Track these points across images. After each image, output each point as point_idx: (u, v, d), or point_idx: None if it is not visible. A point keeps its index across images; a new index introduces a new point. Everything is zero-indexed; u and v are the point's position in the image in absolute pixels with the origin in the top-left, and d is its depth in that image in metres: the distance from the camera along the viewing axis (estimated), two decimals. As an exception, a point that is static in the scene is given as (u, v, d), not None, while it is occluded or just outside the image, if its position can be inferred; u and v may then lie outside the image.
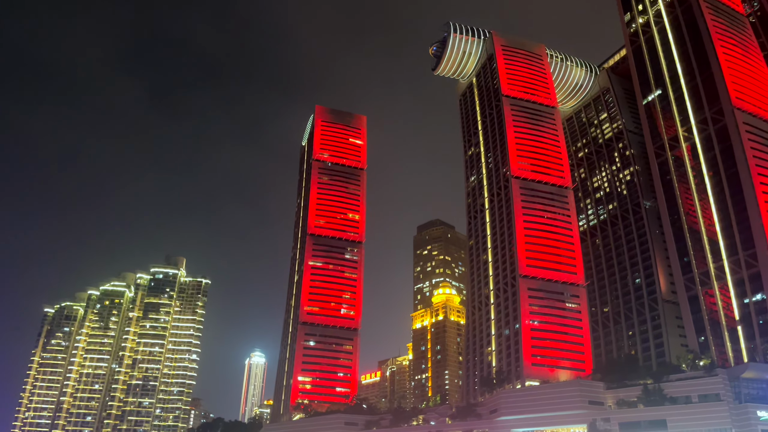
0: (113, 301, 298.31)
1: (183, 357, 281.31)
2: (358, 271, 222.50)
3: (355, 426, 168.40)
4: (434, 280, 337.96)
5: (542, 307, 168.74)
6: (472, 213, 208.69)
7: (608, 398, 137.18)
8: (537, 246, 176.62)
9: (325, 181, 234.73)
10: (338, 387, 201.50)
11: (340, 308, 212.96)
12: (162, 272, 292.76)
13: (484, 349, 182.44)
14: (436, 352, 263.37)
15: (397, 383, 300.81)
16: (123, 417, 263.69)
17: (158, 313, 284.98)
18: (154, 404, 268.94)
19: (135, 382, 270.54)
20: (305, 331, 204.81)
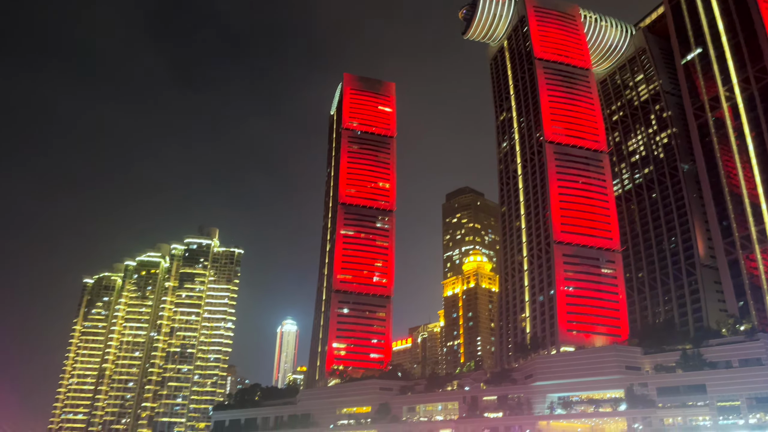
0: (149, 272, 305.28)
1: (218, 325, 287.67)
2: (389, 240, 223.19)
3: (390, 391, 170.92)
4: (464, 247, 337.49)
5: (577, 273, 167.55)
6: (504, 179, 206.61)
7: (646, 363, 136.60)
8: (571, 212, 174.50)
9: (355, 150, 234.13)
10: (372, 353, 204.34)
11: (373, 276, 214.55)
12: (196, 243, 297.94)
13: (518, 315, 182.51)
14: (468, 319, 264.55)
15: (429, 350, 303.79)
16: (163, 383, 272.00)
17: (193, 282, 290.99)
18: (192, 371, 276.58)
19: (173, 349, 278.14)
20: (339, 299, 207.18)
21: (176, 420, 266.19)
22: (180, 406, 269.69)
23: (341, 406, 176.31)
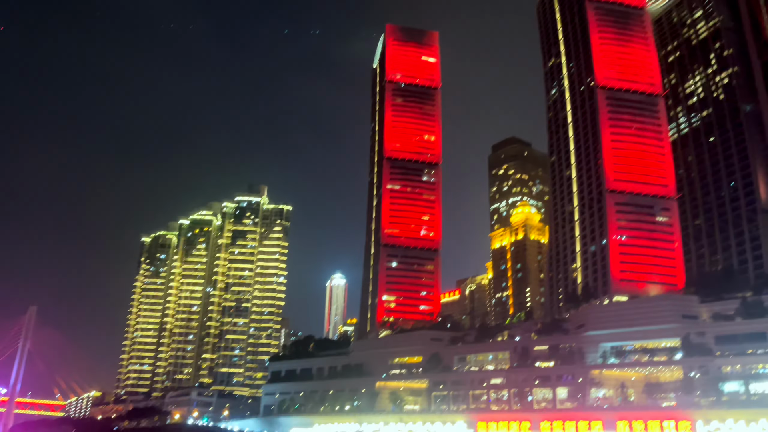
0: (202, 229, 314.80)
1: (271, 280, 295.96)
2: (436, 193, 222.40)
3: (440, 342, 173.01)
4: (511, 199, 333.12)
5: (630, 222, 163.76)
6: (553, 128, 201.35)
7: (703, 312, 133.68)
8: (625, 159, 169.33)
9: (399, 102, 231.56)
10: (421, 305, 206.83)
11: (420, 230, 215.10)
12: (245, 200, 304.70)
13: (569, 266, 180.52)
14: (517, 270, 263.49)
15: (477, 301, 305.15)
16: (221, 336, 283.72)
17: (245, 239, 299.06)
18: (247, 324, 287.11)
19: (229, 303, 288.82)
20: (387, 253, 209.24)
21: (235, 370, 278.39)
22: (238, 357, 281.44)
23: (392, 356, 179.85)
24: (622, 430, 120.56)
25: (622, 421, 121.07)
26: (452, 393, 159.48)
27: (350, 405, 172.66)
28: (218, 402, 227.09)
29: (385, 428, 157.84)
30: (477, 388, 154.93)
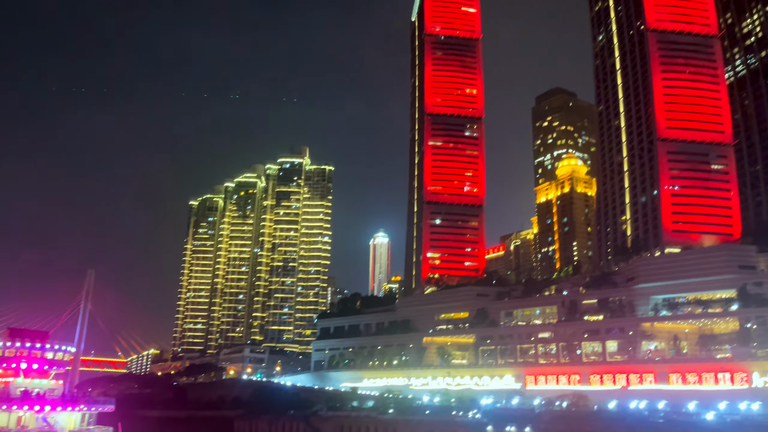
0: (248, 192, 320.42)
1: (316, 240, 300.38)
2: (478, 148, 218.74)
3: (486, 297, 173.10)
4: (556, 152, 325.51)
5: (683, 171, 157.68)
6: (600, 76, 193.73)
7: (761, 262, 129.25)
8: (677, 105, 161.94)
9: (439, 56, 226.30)
10: (466, 262, 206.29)
11: (464, 186, 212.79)
12: (288, 162, 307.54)
13: (618, 218, 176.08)
14: (563, 224, 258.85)
15: (522, 257, 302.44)
16: (270, 295, 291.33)
17: (289, 200, 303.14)
18: (295, 283, 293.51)
19: (276, 263, 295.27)
20: (430, 210, 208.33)
21: (285, 328, 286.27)
22: (287, 315, 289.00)
23: (438, 312, 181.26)
24: (674, 382, 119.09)
25: (675, 373, 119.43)
26: (499, 347, 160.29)
27: (398, 360, 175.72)
28: (270, 358, 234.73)
29: (433, 382, 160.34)
30: (524, 342, 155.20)
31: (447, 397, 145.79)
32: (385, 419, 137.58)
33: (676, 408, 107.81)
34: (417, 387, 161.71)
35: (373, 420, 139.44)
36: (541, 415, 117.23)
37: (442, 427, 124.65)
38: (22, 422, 47.60)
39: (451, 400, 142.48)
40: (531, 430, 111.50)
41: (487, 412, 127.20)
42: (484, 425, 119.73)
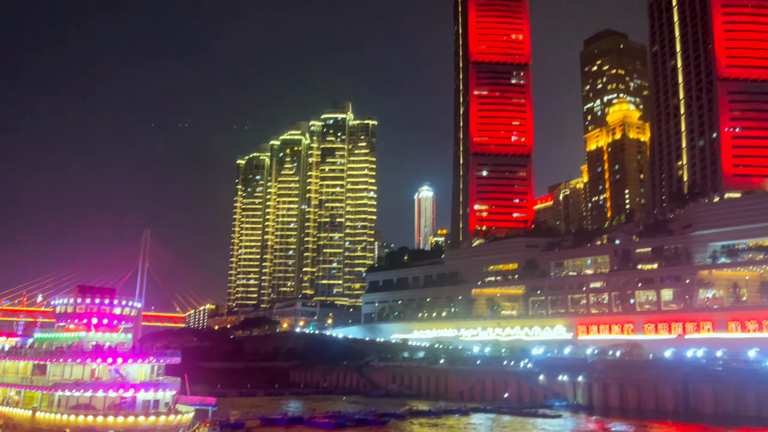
0: (293, 149, 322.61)
1: (362, 195, 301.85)
2: (525, 96, 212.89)
3: (535, 248, 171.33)
4: (606, 97, 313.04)
5: (745, 112, 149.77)
6: (654, 14, 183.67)
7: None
8: (739, 42, 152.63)
9: (483, 1, 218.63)
10: (514, 213, 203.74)
11: (511, 136, 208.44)
12: (331, 117, 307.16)
13: (673, 163, 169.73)
14: (614, 172, 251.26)
15: (572, 207, 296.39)
16: (318, 250, 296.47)
17: (334, 156, 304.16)
18: (342, 238, 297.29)
19: (323, 219, 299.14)
20: (477, 162, 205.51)
21: (334, 282, 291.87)
22: (335, 269, 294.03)
23: (487, 264, 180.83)
24: (733, 330, 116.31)
25: (734, 321, 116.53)
26: (550, 298, 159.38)
27: (447, 312, 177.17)
28: (321, 311, 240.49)
29: (483, 333, 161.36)
30: (576, 292, 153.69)
31: (497, 348, 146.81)
32: (436, 369, 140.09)
33: (735, 356, 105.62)
34: (467, 338, 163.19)
35: (424, 370, 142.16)
36: (594, 364, 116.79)
37: (494, 377, 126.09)
38: (96, 374, 50.17)
39: (501, 351, 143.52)
40: (584, 378, 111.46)
41: (539, 361, 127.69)
42: (535, 374, 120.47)
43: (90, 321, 54.18)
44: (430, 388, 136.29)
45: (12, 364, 56.26)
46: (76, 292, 55.29)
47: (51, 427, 47.24)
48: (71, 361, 49.89)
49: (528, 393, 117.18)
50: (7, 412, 51.23)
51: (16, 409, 50.47)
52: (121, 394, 47.84)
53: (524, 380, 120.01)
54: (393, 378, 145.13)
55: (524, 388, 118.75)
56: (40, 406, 49.32)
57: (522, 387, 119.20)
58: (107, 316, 54.86)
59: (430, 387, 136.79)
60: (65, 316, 55.06)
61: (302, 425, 77.75)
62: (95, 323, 54.13)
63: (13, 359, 56.20)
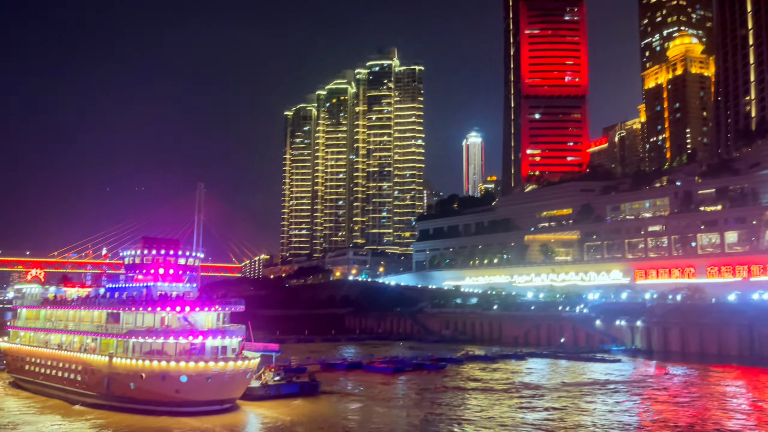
0: (339, 99, 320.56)
1: (409, 143, 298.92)
2: (579, 33, 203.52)
3: (591, 192, 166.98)
4: (666, 30, 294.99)
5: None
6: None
7: None
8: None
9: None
10: (568, 156, 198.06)
11: (564, 76, 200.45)
12: (377, 65, 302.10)
13: (741, 99, 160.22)
14: (674, 110, 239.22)
15: (628, 148, 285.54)
16: (368, 200, 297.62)
17: (380, 104, 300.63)
18: (391, 187, 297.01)
19: (372, 169, 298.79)
20: (529, 105, 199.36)
21: (384, 231, 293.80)
22: (385, 218, 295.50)
23: (540, 209, 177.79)
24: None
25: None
26: (606, 243, 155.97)
27: (499, 258, 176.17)
28: (372, 260, 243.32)
29: (536, 279, 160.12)
30: (633, 236, 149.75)
31: (552, 294, 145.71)
32: (490, 315, 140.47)
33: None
34: (520, 284, 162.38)
35: (478, 315, 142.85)
36: (653, 308, 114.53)
37: (549, 322, 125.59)
38: (165, 322, 52.11)
39: (556, 296, 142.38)
40: (642, 323, 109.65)
41: (595, 306, 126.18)
42: (592, 319, 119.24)
43: (157, 271, 56.02)
44: (484, 334, 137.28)
45: (87, 313, 59.14)
46: (142, 244, 57.03)
47: (127, 371, 49.62)
48: (142, 310, 51.94)
49: (584, 338, 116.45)
50: (86, 358, 54.11)
51: (94, 355, 53.22)
52: (191, 340, 49.62)
53: (580, 325, 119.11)
54: (446, 324, 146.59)
55: (580, 334, 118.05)
56: (116, 352, 51.80)
57: (578, 332, 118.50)
58: (173, 266, 56.55)
59: (484, 332, 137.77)
60: (133, 267, 57.11)
61: (361, 370, 79.58)
62: (162, 273, 55.93)
63: (88, 308, 59.01)
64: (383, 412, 52.31)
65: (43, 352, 61.10)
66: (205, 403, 48.47)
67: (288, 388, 57.12)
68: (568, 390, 65.00)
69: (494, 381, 71.79)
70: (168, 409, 47.91)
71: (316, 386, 59.42)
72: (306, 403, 54.39)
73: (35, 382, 61.68)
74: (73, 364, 55.90)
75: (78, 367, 55.23)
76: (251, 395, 53.79)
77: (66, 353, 57.54)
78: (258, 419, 48.43)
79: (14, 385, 65.92)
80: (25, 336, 67.53)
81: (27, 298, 70.52)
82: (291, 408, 52.18)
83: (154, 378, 48.18)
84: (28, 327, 67.57)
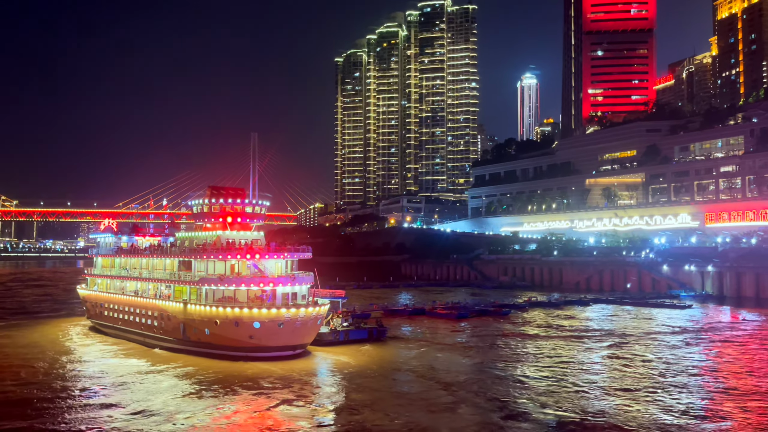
0: (390, 42, 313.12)
1: (463, 87, 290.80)
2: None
3: (658, 132, 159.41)
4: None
5: None
6: None
7: None
8: None
9: None
10: (633, 95, 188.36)
11: (630, 8, 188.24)
12: (429, 5, 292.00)
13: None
14: (750, 42, 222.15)
15: (697, 85, 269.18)
16: (421, 146, 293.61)
17: (433, 47, 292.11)
18: (445, 133, 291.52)
19: (425, 114, 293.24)
20: (591, 41, 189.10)
21: (438, 178, 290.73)
22: (439, 165, 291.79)
23: (602, 152, 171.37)
24: None
25: None
26: (673, 185, 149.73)
27: (559, 203, 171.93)
28: (426, 207, 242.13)
29: (598, 223, 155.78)
30: (703, 178, 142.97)
31: (615, 238, 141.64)
32: (550, 261, 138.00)
33: None
34: (581, 229, 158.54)
35: (537, 262, 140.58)
36: (726, 253, 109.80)
37: (612, 267, 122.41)
38: (235, 269, 52.76)
39: (619, 241, 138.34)
40: (714, 268, 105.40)
41: (662, 251, 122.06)
42: (658, 265, 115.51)
43: (225, 220, 56.47)
44: (544, 280, 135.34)
45: (160, 261, 60.70)
46: (209, 193, 57.40)
47: (202, 317, 50.84)
48: (213, 258, 52.62)
49: (650, 284, 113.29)
50: (162, 305, 55.83)
51: (170, 302, 54.75)
52: (262, 287, 50.14)
53: (646, 270, 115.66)
54: (504, 270, 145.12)
55: (646, 279, 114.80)
56: (189, 299, 53.07)
57: (643, 278, 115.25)
58: (240, 214, 56.86)
59: (544, 279, 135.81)
60: (201, 216, 57.72)
61: (424, 316, 79.66)
62: (230, 222, 56.35)
63: (160, 257, 60.52)
64: (451, 357, 52.16)
65: (121, 299, 63.49)
66: (278, 349, 49.30)
67: (356, 334, 57.60)
68: (639, 336, 63.24)
69: (560, 327, 70.57)
70: (242, 354, 49.02)
71: (383, 332, 59.71)
72: (375, 349, 54.75)
73: (114, 327, 64.41)
74: (150, 311, 57.85)
75: (154, 313, 57.12)
76: (321, 341, 54.52)
77: (142, 300, 59.52)
78: (331, 364, 49.01)
79: (94, 330, 69.17)
80: (102, 283, 70.31)
81: (102, 247, 73.04)
82: (361, 353, 52.62)
83: (228, 324, 49.16)
84: (105, 275, 70.23)
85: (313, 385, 42.64)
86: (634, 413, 34.59)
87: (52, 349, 56.70)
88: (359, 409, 35.89)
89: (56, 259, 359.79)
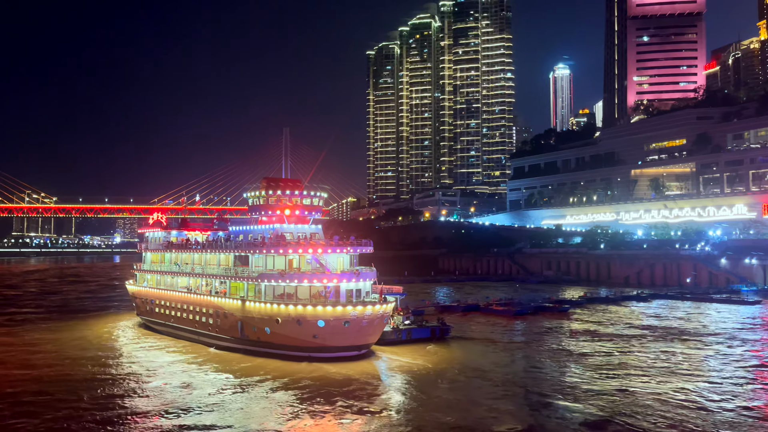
0: (423, 34, 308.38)
1: (498, 77, 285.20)
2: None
3: (709, 120, 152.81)
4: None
5: None
6: None
7: None
8: None
9: None
10: (681, 82, 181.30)
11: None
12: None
13: None
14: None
15: (744, 71, 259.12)
16: (455, 138, 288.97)
17: (467, 37, 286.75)
18: (480, 124, 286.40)
19: (459, 106, 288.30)
20: (636, 26, 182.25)
21: (473, 170, 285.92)
22: (474, 157, 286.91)
23: (649, 141, 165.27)
24: None
25: None
26: (726, 175, 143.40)
27: (603, 195, 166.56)
28: (462, 200, 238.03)
29: (646, 215, 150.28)
30: (760, 166, 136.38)
31: (665, 231, 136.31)
32: (596, 254, 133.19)
33: None
34: (627, 221, 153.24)
35: (583, 255, 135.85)
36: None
37: (664, 261, 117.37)
38: (294, 264, 50.25)
39: (671, 234, 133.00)
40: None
41: (718, 244, 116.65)
42: (715, 258, 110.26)
43: (283, 213, 53.93)
44: (590, 274, 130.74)
45: (213, 256, 58.41)
46: (264, 185, 54.89)
47: (261, 315, 48.35)
48: (273, 252, 50.04)
49: (707, 278, 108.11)
50: (218, 302, 53.46)
51: (227, 299, 52.37)
52: (325, 284, 47.52)
53: (702, 264, 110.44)
54: (548, 264, 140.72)
55: (702, 273, 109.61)
56: (247, 295, 50.67)
57: (699, 272, 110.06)
58: (297, 207, 54.29)
59: (590, 273, 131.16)
60: (257, 209, 55.25)
61: (479, 312, 76.52)
62: (287, 215, 53.81)
63: (214, 252, 58.17)
64: (527, 359, 48.89)
65: (173, 295, 61.43)
66: (343, 349, 46.66)
67: (419, 333, 54.73)
68: (714, 334, 59.14)
69: (627, 325, 66.66)
70: (306, 355, 46.49)
71: (447, 330, 56.77)
72: (440, 349, 51.83)
73: (166, 324, 62.39)
74: (204, 308, 55.64)
75: (209, 311, 54.89)
76: (383, 340, 51.76)
77: (196, 296, 57.32)
78: (398, 366, 46.14)
79: (144, 327, 67.43)
80: (152, 279, 68.52)
81: (151, 242, 71.17)
82: (427, 353, 49.76)
83: (290, 323, 46.67)
84: (154, 270, 68.37)
85: (386, 388, 39.90)
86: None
87: (109, 348, 55.14)
88: (440, 416, 33.01)
89: (94, 254, 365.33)
